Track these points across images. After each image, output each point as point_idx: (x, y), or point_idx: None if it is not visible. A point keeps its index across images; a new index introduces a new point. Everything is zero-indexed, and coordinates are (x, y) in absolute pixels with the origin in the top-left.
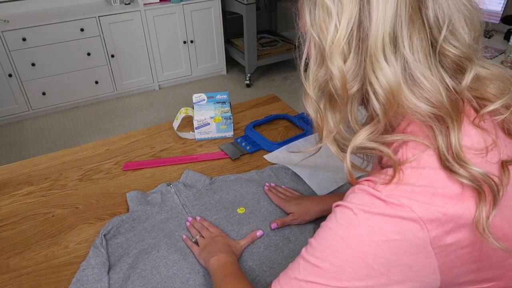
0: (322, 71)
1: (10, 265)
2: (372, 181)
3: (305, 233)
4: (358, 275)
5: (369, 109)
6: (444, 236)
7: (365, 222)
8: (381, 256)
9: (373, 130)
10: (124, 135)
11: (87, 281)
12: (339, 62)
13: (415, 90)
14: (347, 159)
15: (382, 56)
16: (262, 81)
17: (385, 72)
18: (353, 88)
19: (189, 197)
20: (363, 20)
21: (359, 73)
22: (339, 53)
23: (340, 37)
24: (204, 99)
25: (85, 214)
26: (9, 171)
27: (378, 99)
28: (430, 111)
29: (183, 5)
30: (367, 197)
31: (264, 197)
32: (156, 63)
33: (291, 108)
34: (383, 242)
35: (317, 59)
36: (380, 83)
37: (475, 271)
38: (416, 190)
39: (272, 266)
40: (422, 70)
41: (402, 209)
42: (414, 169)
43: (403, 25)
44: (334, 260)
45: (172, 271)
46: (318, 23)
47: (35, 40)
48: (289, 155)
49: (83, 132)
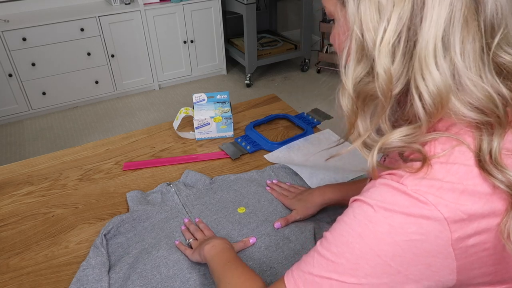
0: (359, 69)
1: (10, 265)
2: (396, 174)
3: (305, 232)
4: (374, 272)
5: (406, 112)
6: (466, 237)
7: (385, 220)
8: (399, 255)
9: (411, 133)
10: (124, 135)
11: (87, 281)
12: (386, 62)
13: (462, 97)
14: (374, 157)
15: (432, 60)
16: (262, 81)
17: (434, 77)
18: (395, 90)
19: (189, 197)
20: (414, 20)
21: (403, 75)
22: (387, 53)
23: (388, 37)
24: (204, 99)
25: (85, 214)
26: (9, 171)
27: (424, 104)
28: (478, 118)
29: (183, 5)
30: (389, 192)
31: (265, 197)
32: (156, 63)
33: (291, 108)
34: (403, 242)
35: (357, 56)
36: (428, 88)
37: (492, 274)
38: (444, 186)
39: (272, 266)
40: (472, 78)
41: (427, 207)
42: (443, 164)
43: (456, 28)
44: (351, 256)
45: (173, 271)
46: (364, 20)
47: (35, 40)
48: (290, 155)
49: (83, 132)
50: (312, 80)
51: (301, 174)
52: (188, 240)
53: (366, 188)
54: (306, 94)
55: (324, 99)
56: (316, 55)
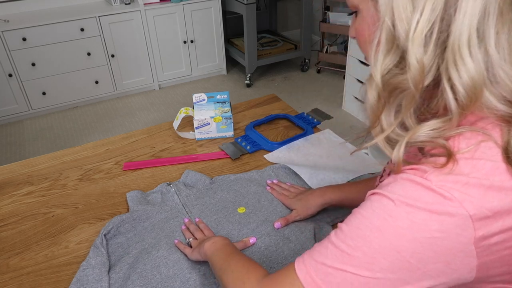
0: (388, 60)
1: (10, 265)
2: (420, 169)
3: (305, 232)
4: (391, 267)
5: (434, 105)
6: (490, 236)
7: (406, 216)
8: (419, 252)
9: (439, 127)
10: (124, 135)
11: (87, 281)
12: (419, 53)
13: (495, 90)
14: (401, 151)
15: (467, 50)
16: (262, 81)
17: (468, 67)
18: (425, 82)
19: (189, 197)
20: (448, 11)
21: (434, 67)
22: (420, 44)
23: (422, 28)
24: (204, 99)
25: (85, 214)
26: (9, 171)
27: (457, 96)
28: (510, 112)
29: (183, 5)
30: (412, 187)
31: (265, 197)
32: (156, 63)
33: (291, 108)
34: (424, 239)
35: (387, 47)
36: (462, 78)
37: None
38: (470, 182)
39: (272, 266)
40: (506, 70)
41: (452, 204)
42: (468, 160)
43: (491, 20)
44: (368, 250)
45: (173, 271)
46: (397, 11)
47: (35, 40)
48: (290, 155)
49: (83, 132)
50: (312, 80)
51: (301, 174)
52: (188, 239)
53: (386, 182)
54: (306, 94)
55: (324, 99)
56: (316, 55)
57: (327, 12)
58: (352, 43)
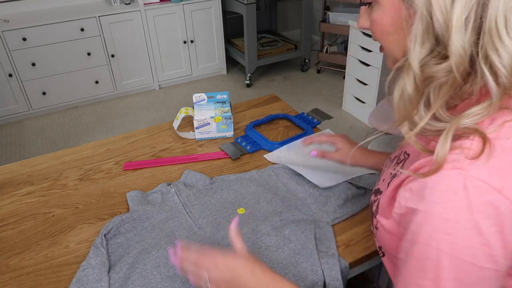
0: (424, 50)
1: (10, 265)
2: (454, 161)
3: (305, 232)
4: (476, 281)
5: (466, 91)
6: None
7: (458, 227)
8: (492, 248)
9: (481, 112)
10: (124, 135)
11: (87, 281)
12: (459, 40)
13: None
14: (448, 144)
15: (504, 31)
16: (262, 81)
17: (509, 47)
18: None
19: (189, 197)
20: None
21: (469, 53)
22: (458, 31)
23: (460, 16)
24: (204, 99)
25: (85, 214)
26: (9, 171)
27: (498, 79)
28: None
29: (183, 5)
30: (450, 192)
31: (264, 197)
32: (156, 63)
33: (291, 108)
34: (489, 236)
35: (423, 37)
36: (502, 59)
37: None
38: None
39: (272, 266)
40: None
41: (493, 195)
42: (495, 140)
43: None
44: (449, 275)
45: (173, 271)
46: (434, 1)
47: (35, 40)
48: (290, 155)
49: (83, 132)
50: (312, 80)
51: (301, 174)
52: (205, 279)
53: (419, 188)
54: (306, 94)
55: (324, 99)
56: (316, 55)
57: (327, 12)
58: (352, 43)
